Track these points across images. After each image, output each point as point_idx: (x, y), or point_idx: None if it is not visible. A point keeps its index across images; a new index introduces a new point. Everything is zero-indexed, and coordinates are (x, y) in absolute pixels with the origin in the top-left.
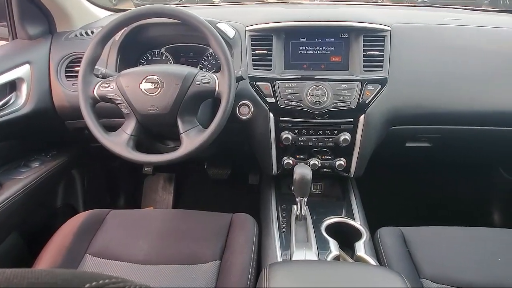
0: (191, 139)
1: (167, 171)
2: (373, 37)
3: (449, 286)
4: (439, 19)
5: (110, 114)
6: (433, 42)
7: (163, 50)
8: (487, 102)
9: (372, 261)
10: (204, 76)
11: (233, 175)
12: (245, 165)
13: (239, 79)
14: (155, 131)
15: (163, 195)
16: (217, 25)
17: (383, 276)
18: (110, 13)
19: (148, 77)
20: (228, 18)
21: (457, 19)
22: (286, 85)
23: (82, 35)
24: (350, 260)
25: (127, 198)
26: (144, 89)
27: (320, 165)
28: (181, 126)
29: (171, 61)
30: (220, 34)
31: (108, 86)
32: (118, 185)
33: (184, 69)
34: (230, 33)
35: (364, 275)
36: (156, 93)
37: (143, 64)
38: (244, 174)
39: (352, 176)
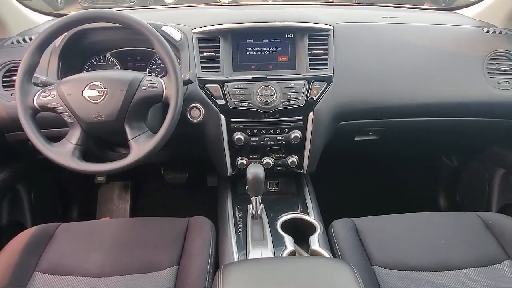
0: (140, 145)
1: (122, 179)
2: (317, 37)
3: (398, 271)
4: (379, 18)
5: (54, 124)
6: (374, 40)
7: (108, 55)
8: (426, 94)
9: (326, 253)
10: (151, 80)
11: (191, 179)
12: (202, 168)
13: (187, 82)
14: (104, 139)
15: (119, 204)
16: (162, 28)
17: (332, 267)
18: (50, 18)
19: (91, 83)
20: (175, 20)
21: (396, 17)
22: (236, 86)
23: (19, 42)
24: (305, 254)
25: (80, 210)
26: (88, 97)
27: (273, 163)
28: (129, 133)
29: (118, 66)
30: (166, 38)
31: (49, 95)
32: (70, 197)
33: (129, 74)
34: (176, 36)
35: (314, 268)
36: (101, 100)
37: (88, 71)
38: (202, 177)
39: (305, 172)
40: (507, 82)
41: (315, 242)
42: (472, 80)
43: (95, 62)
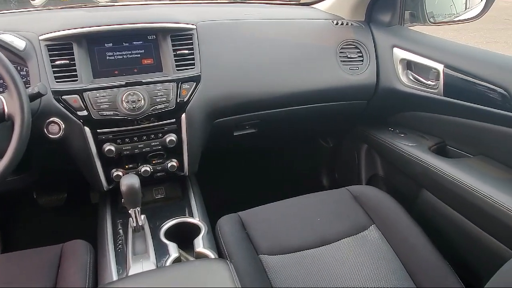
0: None
1: None
2: (181, 37)
3: (283, 255)
4: (242, 14)
5: None
6: (236, 36)
7: None
8: (289, 85)
9: (211, 253)
10: None
11: (71, 198)
12: (82, 184)
13: (36, 96)
14: None
15: None
16: (0, 36)
17: (207, 268)
18: None
19: None
20: (20, 27)
21: (257, 14)
22: (97, 95)
23: None
24: (191, 258)
25: None
26: None
27: (152, 170)
28: None
29: None
30: (5, 47)
31: None
32: None
33: None
34: (19, 44)
35: (189, 272)
36: None
37: None
38: (84, 194)
39: (188, 174)
40: (357, 68)
41: (200, 243)
42: (328, 69)
43: None
